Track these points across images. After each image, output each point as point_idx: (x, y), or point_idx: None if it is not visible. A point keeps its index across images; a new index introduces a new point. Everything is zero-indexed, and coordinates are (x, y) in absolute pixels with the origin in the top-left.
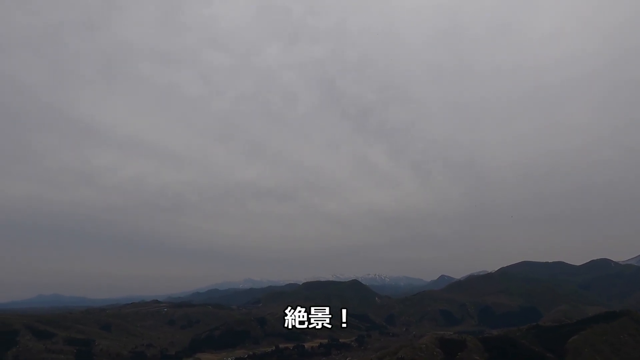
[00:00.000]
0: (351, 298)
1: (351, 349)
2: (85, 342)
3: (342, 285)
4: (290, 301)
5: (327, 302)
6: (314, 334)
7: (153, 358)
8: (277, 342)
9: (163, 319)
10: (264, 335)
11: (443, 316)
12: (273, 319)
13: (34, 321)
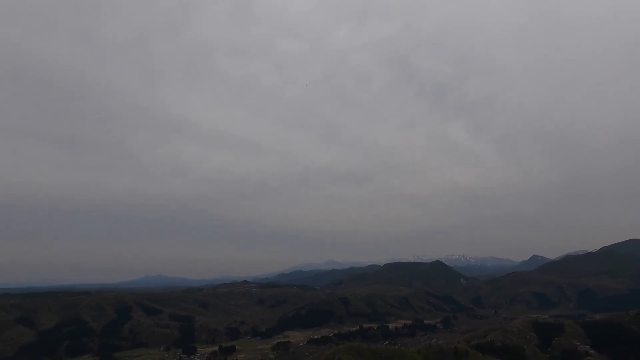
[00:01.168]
0: (434, 279)
1: (436, 331)
2: (187, 318)
3: (424, 267)
4: (372, 282)
5: (409, 283)
6: (397, 314)
7: (246, 334)
8: (361, 322)
9: (253, 298)
10: (348, 315)
11: (537, 299)
12: (356, 300)
13: (144, 299)
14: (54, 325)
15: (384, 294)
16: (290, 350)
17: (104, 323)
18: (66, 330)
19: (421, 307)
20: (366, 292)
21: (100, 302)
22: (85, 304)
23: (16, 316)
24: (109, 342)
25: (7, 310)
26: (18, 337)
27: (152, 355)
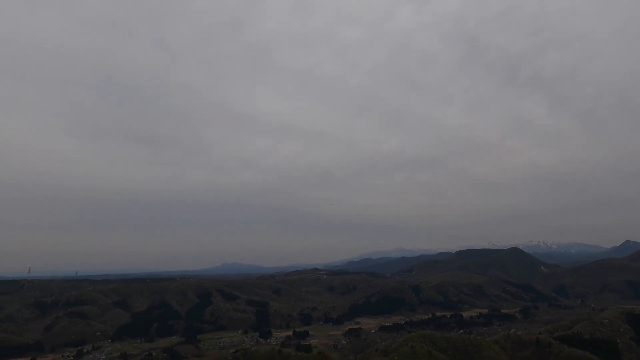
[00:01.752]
0: (511, 267)
1: (515, 321)
2: (262, 303)
3: (500, 253)
4: (444, 270)
5: (483, 271)
6: (471, 303)
7: (318, 320)
8: (433, 310)
9: (324, 285)
10: (420, 302)
11: (631, 288)
12: (428, 287)
13: (222, 285)
14: (145, 308)
15: (456, 282)
16: (362, 337)
17: (187, 307)
18: (155, 313)
19: (497, 296)
20: (438, 279)
21: (183, 288)
22: (170, 290)
23: (114, 300)
24: (192, 324)
25: (106, 294)
26: (116, 319)
27: (231, 338)
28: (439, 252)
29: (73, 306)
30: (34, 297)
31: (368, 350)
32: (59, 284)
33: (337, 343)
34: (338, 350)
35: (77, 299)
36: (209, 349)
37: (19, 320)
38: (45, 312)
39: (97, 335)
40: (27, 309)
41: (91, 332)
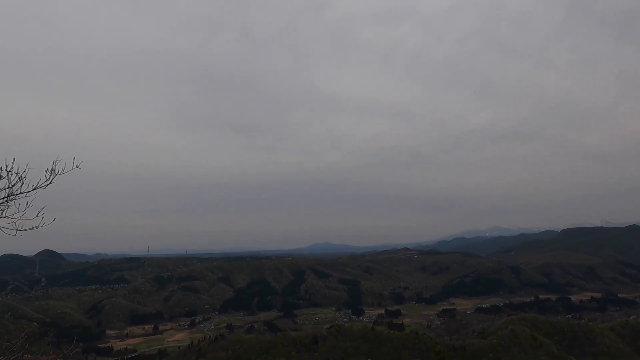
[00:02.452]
0: (630, 247)
1: (635, 307)
2: (353, 282)
3: (615, 232)
4: (547, 250)
5: (596, 251)
6: (581, 286)
7: (410, 299)
8: (536, 292)
9: (414, 265)
10: (520, 285)
11: None
12: (529, 268)
13: (315, 264)
14: (246, 284)
15: (563, 263)
16: (457, 318)
17: (283, 284)
18: (255, 289)
19: (613, 279)
20: (541, 260)
21: (279, 266)
22: (267, 267)
23: (219, 276)
24: (288, 300)
25: (212, 271)
26: (221, 293)
27: (325, 314)
28: (541, 231)
29: (185, 281)
30: (153, 272)
31: (464, 331)
32: (173, 261)
33: (431, 323)
34: (432, 330)
35: (187, 275)
36: (305, 323)
37: (143, 292)
38: (163, 285)
39: (206, 308)
40: (148, 283)
41: (201, 304)
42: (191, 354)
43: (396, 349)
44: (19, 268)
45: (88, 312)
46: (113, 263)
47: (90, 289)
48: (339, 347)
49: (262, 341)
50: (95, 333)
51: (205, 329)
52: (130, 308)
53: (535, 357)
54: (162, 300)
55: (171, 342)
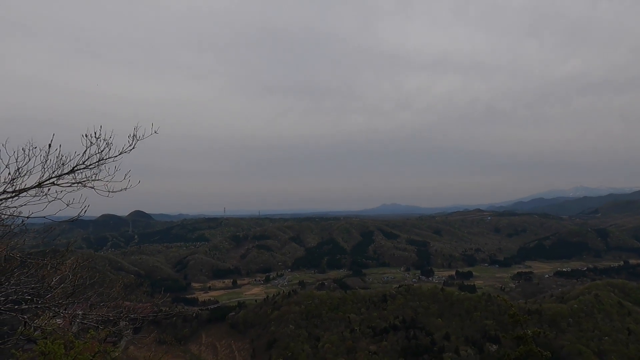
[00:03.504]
0: None
1: None
2: (422, 243)
3: None
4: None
5: None
6: None
7: (482, 261)
8: (627, 257)
9: (488, 226)
10: (607, 249)
11: None
12: (619, 231)
13: (383, 225)
14: (316, 244)
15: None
16: (533, 281)
17: (352, 244)
18: (325, 248)
19: None
20: (633, 222)
21: (347, 227)
22: (336, 228)
23: (290, 236)
24: (357, 259)
25: (283, 231)
26: (293, 252)
27: (394, 274)
28: (635, 191)
29: (259, 240)
30: (229, 232)
31: (541, 295)
32: (247, 221)
33: (505, 286)
34: (506, 294)
35: (261, 234)
36: (374, 282)
37: (222, 249)
38: (239, 244)
39: (279, 265)
40: (226, 241)
41: (274, 261)
42: (267, 307)
43: (467, 311)
44: (115, 227)
45: (175, 267)
46: (194, 222)
47: (176, 245)
48: (408, 306)
49: (333, 297)
50: (182, 285)
51: (279, 285)
52: (211, 264)
53: (622, 324)
54: (239, 257)
55: (249, 296)
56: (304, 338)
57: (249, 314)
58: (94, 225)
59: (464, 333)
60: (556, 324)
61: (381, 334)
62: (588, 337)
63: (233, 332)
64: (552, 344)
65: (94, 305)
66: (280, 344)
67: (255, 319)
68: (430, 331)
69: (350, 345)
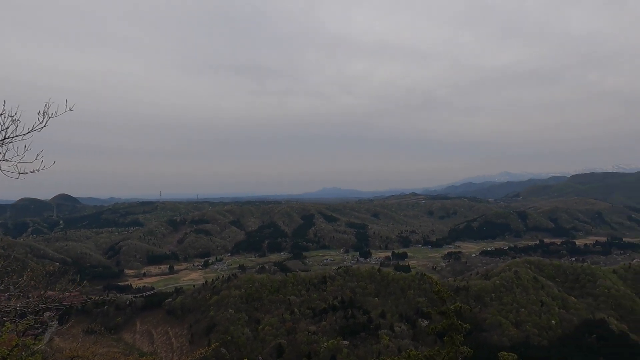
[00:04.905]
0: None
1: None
2: (361, 226)
3: (627, 178)
4: (556, 195)
5: (605, 197)
6: (587, 230)
7: (416, 242)
8: (542, 237)
9: (422, 209)
10: (526, 229)
11: None
12: (536, 213)
13: (323, 208)
14: (257, 228)
15: (570, 208)
16: (462, 260)
17: (293, 227)
18: (266, 232)
19: (620, 224)
20: (548, 205)
21: (288, 210)
22: (277, 211)
23: (230, 220)
24: (298, 243)
25: (223, 214)
26: (233, 236)
27: (334, 257)
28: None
29: (198, 224)
30: (166, 216)
31: (468, 273)
32: (185, 205)
33: (436, 265)
34: (437, 272)
35: (200, 218)
36: (314, 264)
37: (157, 234)
38: (177, 228)
39: (219, 249)
40: (162, 226)
41: (213, 246)
42: (206, 292)
43: (402, 290)
44: (37, 211)
45: (106, 253)
46: (127, 207)
47: (107, 231)
48: (346, 287)
49: (273, 280)
50: (114, 272)
51: (219, 269)
52: (146, 249)
53: (537, 297)
54: (176, 242)
55: (186, 281)
56: (244, 322)
57: (186, 299)
58: (12, 210)
59: (399, 310)
60: (481, 298)
61: (321, 315)
62: (507, 310)
63: (170, 318)
64: (477, 317)
65: (12, 296)
66: (220, 329)
67: (193, 305)
68: (367, 310)
69: (290, 326)
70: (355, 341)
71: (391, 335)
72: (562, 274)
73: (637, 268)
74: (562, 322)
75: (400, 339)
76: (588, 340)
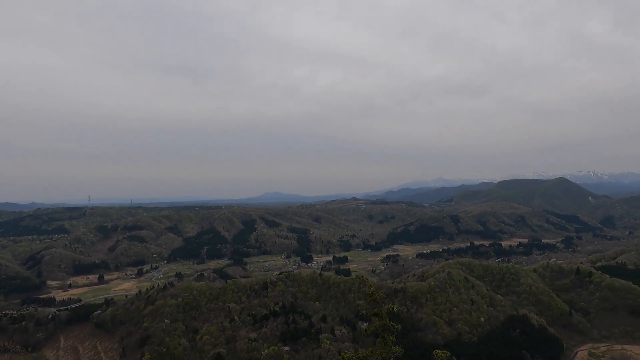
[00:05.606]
0: (557, 197)
1: (556, 251)
2: (303, 230)
3: (545, 184)
4: (485, 200)
5: (527, 201)
6: (512, 233)
7: (357, 246)
8: (472, 239)
9: (362, 214)
10: (458, 232)
11: None
12: (467, 217)
13: (265, 213)
14: (196, 233)
15: (497, 212)
16: (399, 263)
17: (233, 233)
18: (205, 238)
19: (539, 226)
20: (478, 209)
21: (229, 215)
22: (217, 217)
23: (167, 225)
24: (239, 248)
25: (159, 220)
26: (170, 242)
27: (275, 262)
28: (480, 183)
29: (131, 230)
30: (95, 222)
31: (405, 275)
32: (117, 210)
33: (375, 268)
34: (376, 275)
35: (134, 224)
36: (255, 270)
37: (86, 242)
38: (108, 235)
39: (154, 257)
40: (91, 233)
41: (148, 253)
42: (139, 302)
43: (343, 293)
44: None
45: (26, 263)
46: (51, 213)
47: (27, 239)
48: (288, 292)
49: (212, 288)
50: (34, 284)
51: (154, 278)
52: (72, 258)
53: (468, 296)
54: (107, 250)
55: (118, 291)
56: (181, 332)
57: (118, 311)
58: None
59: (340, 314)
60: (417, 299)
61: (261, 321)
62: (441, 309)
63: (99, 332)
64: (414, 318)
65: None
66: (155, 340)
67: (125, 316)
68: (308, 315)
69: (230, 334)
70: (297, 346)
71: (332, 338)
72: (490, 274)
73: (553, 267)
74: (490, 319)
75: (341, 342)
76: (512, 334)
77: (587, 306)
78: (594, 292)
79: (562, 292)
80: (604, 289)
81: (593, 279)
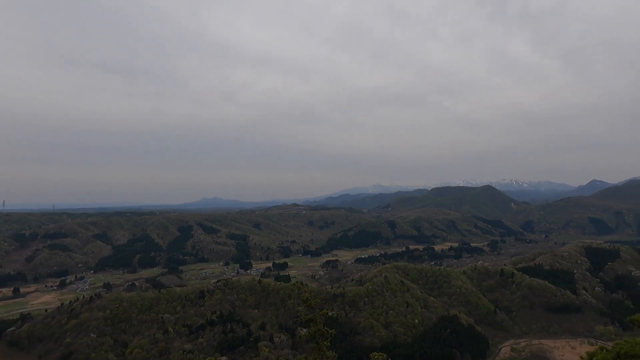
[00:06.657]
0: (484, 204)
1: (483, 254)
2: (242, 237)
3: (473, 191)
4: (420, 206)
5: (457, 207)
6: (444, 237)
7: (297, 252)
8: (408, 243)
9: (303, 219)
10: (395, 237)
11: (593, 224)
12: (403, 222)
13: (203, 219)
14: (127, 241)
15: (430, 217)
16: (338, 268)
17: (168, 240)
18: (137, 245)
19: (468, 231)
20: (413, 215)
21: (164, 222)
22: (151, 223)
23: (94, 232)
24: (174, 256)
25: (86, 227)
26: (98, 251)
27: (213, 269)
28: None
29: (53, 239)
30: (10, 229)
31: (344, 280)
32: (37, 217)
33: (315, 274)
34: (316, 280)
35: (56, 231)
36: (191, 279)
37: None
38: (25, 244)
39: (79, 267)
40: (5, 241)
41: (73, 263)
42: (61, 316)
43: (282, 300)
44: None
45: None
46: None
47: None
48: (226, 300)
49: (144, 298)
50: None
51: (78, 289)
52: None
53: (403, 299)
54: (23, 260)
55: (37, 305)
56: (109, 346)
57: (36, 326)
58: None
59: (279, 321)
60: (355, 303)
61: (197, 331)
62: (378, 313)
63: (13, 351)
64: (352, 322)
65: None
66: (78, 357)
67: (44, 332)
68: (247, 323)
69: (163, 347)
70: (234, 356)
71: (271, 346)
72: (424, 277)
73: (480, 269)
74: (424, 320)
75: (280, 350)
76: (443, 334)
77: (509, 305)
78: (516, 292)
79: (488, 292)
80: (524, 288)
81: (515, 280)
